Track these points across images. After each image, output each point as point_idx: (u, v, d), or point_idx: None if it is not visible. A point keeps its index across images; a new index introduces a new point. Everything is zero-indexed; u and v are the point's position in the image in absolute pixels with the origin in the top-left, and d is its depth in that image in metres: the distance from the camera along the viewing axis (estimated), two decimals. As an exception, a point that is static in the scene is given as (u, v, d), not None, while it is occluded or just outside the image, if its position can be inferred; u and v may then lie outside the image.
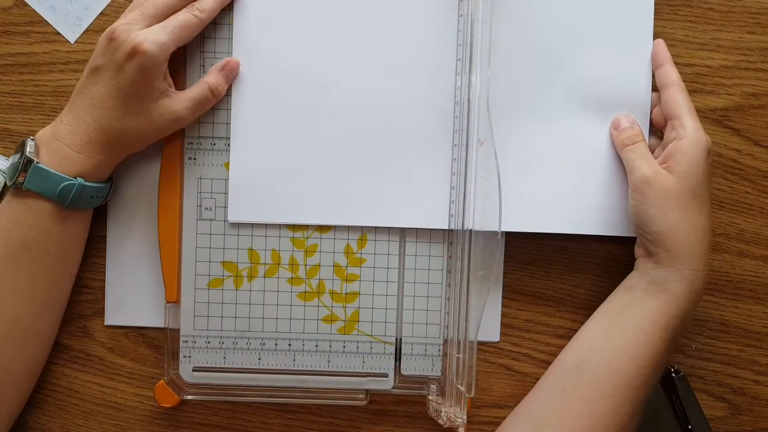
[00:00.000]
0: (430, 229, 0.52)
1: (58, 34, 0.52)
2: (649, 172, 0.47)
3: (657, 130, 0.51)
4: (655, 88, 0.51)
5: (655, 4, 0.52)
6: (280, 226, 0.51)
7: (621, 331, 0.47)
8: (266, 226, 0.51)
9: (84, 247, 0.52)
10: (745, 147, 0.53)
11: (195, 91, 0.49)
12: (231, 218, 0.51)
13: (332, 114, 0.51)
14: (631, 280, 0.49)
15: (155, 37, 0.46)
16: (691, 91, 0.53)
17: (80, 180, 0.47)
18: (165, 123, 0.48)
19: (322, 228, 0.52)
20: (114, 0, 0.52)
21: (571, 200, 0.51)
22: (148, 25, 0.47)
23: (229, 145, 0.51)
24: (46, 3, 0.52)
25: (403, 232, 0.52)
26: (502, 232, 0.49)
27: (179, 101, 0.48)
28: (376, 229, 0.52)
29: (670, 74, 0.50)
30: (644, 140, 0.49)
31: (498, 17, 0.50)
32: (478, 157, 0.48)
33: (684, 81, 0.53)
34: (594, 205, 0.51)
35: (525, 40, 0.51)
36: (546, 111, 0.51)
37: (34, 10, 0.52)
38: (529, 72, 0.51)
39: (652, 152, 0.50)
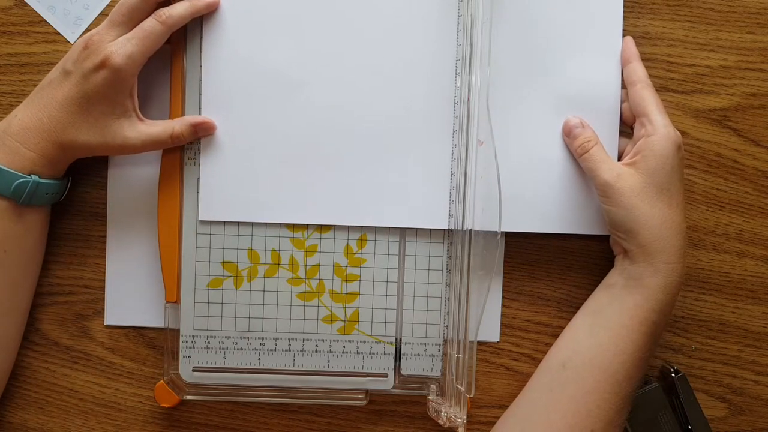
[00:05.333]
0: (430, 229, 0.52)
1: (58, 34, 0.52)
2: (609, 177, 0.47)
3: (626, 126, 0.51)
4: (624, 86, 0.51)
5: (655, 4, 0.52)
6: (280, 226, 0.51)
7: (602, 328, 0.48)
8: (266, 226, 0.51)
9: (44, 247, 0.51)
10: (745, 147, 0.53)
11: (157, 129, 0.49)
12: (202, 216, 0.51)
13: (332, 114, 0.51)
14: (611, 277, 0.50)
15: (122, 50, 0.46)
16: (691, 91, 0.53)
17: (34, 177, 0.46)
18: (115, 145, 0.48)
19: (322, 228, 0.52)
20: (114, 0, 0.52)
21: (571, 200, 0.51)
22: (118, 35, 0.47)
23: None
24: (46, 3, 0.52)
25: (403, 232, 0.52)
26: (502, 232, 0.49)
27: (137, 130, 0.48)
28: (376, 229, 0.52)
29: (637, 71, 0.50)
30: (598, 143, 0.49)
31: (498, 17, 0.50)
32: (478, 157, 0.48)
33: (684, 81, 0.53)
34: (594, 205, 0.51)
35: (525, 40, 0.51)
36: (545, 111, 0.51)
37: (34, 10, 0.52)
38: (529, 72, 0.51)
39: (622, 150, 0.50)
